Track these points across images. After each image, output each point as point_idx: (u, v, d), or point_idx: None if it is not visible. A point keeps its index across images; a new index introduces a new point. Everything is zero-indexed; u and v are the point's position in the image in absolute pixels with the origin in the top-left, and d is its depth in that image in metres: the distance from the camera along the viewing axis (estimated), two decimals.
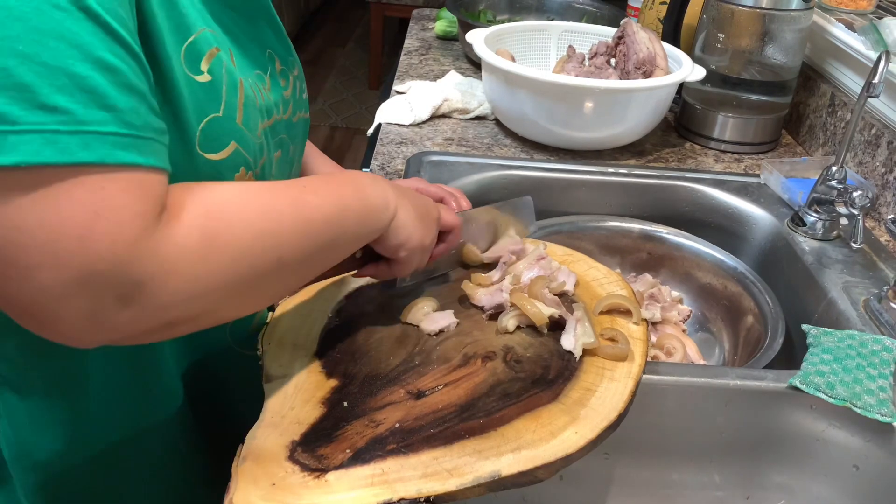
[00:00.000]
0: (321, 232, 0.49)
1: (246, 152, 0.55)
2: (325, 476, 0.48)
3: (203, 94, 0.51)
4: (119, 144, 0.38)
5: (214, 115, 0.52)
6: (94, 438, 0.59)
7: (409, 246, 0.58)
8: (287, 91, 0.63)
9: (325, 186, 0.51)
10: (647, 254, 0.96)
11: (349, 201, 0.52)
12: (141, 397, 0.60)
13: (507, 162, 1.03)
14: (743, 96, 1.13)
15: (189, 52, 0.50)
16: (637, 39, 1.10)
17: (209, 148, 0.52)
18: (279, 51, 0.63)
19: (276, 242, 0.46)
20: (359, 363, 0.59)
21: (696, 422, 0.68)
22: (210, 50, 0.51)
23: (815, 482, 0.69)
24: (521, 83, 1.03)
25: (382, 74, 3.65)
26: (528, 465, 0.50)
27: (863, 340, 0.70)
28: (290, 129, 0.64)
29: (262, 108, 0.58)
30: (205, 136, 0.51)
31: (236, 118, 0.54)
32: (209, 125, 0.51)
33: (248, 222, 0.44)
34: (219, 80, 0.52)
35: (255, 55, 0.59)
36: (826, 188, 0.89)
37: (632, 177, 1.02)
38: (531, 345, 0.62)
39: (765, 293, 0.84)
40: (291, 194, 0.48)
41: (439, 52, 1.49)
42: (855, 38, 1.06)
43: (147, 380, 0.59)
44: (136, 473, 0.63)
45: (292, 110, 0.64)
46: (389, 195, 0.56)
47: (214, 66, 0.52)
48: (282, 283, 0.49)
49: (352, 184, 0.54)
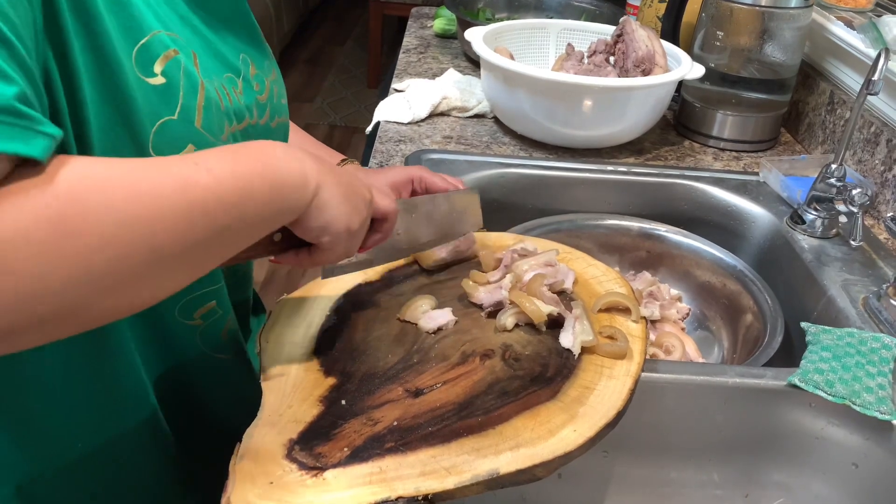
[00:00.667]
0: (215, 215, 0.43)
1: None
2: (323, 474, 0.48)
3: (156, 97, 0.50)
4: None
5: (169, 118, 0.50)
6: (61, 446, 0.58)
7: (332, 230, 0.51)
8: (262, 95, 0.62)
9: (222, 163, 0.44)
10: (646, 252, 0.96)
11: (253, 179, 0.45)
12: (107, 402, 0.58)
13: (505, 160, 1.03)
14: (742, 94, 1.13)
15: (141, 54, 0.49)
16: (636, 37, 1.10)
17: (164, 150, 0.50)
18: (254, 55, 0.62)
19: (148, 230, 0.39)
20: (357, 361, 0.59)
21: (695, 420, 0.68)
22: (166, 52, 0.50)
23: (814, 480, 0.68)
24: (520, 81, 1.03)
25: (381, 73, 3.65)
26: (527, 463, 0.49)
27: (862, 338, 0.70)
28: (268, 134, 0.63)
29: (231, 111, 0.57)
30: (158, 138, 0.50)
31: (195, 121, 0.52)
32: (163, 128, 0.50)
33: (111, 206, 0.38)
34: (175, 82, 0.51)
35: (225, 58, 0.59)
36: (825, 186, 0.89)
37: (631, 175, 1.02)
38: (530, 343, 0.62)
39: (764, 291, 0.84)
40: (179, 171, 0.42)
41: (438, 50, 1.49)
42: (854, 36, 1.06)
43: (112, 384, 0.58)
44: (110, 478, 0.61)
45: (269, 115, 0.63)
46: (309, 170, 0.48)
47: (170, 68, 0.50)
48: (163, 275, 0.42)
49: (259, 157, 0.46)
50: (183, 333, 0.62)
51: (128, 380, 0.58)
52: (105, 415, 0.59)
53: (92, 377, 0.56)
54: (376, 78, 3.69)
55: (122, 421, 0.59)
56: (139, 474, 0.63)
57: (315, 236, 0.51)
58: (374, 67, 3.73)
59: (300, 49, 4.17)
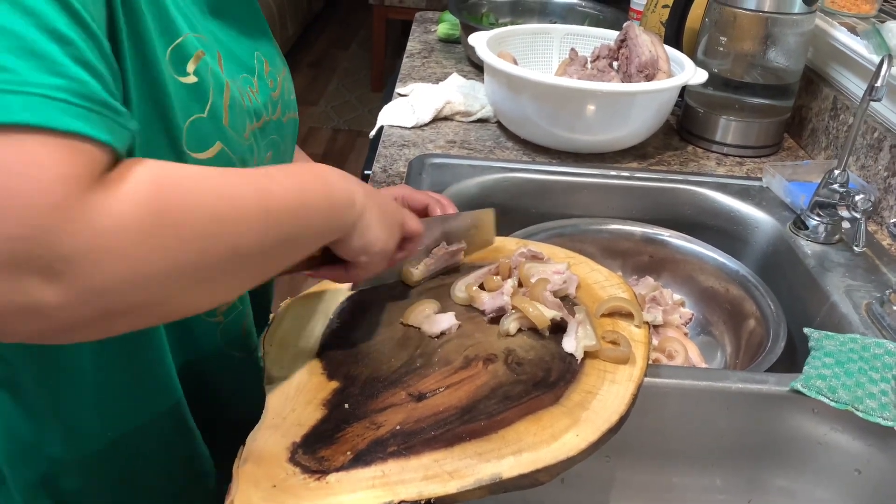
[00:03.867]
0: (283, 225, 0.45)
1: (232, 153, 0.56)
2: (327, 478, 0.48)
3: (188, 95, 0.51)
4: (68, 111, 0.35)
5: (199, 116, 0.52)
6: (89, 435, 0.59)
7: (371, 250, 0.55)
8: (275, 92, 0.64)
9: (290, 177, 0.47)
10: (649, 257, 0.96)
11: (314, 196, 0.48)
12: (136, 393, 0.60)
13: (509, 165, 1.03)
14: (745, 100, 1.13)
15: (175, 54, 0.50)
16: (639, 42, 1.10)
17: (195, 147, 0.52)
18: (267, 52, 0.64)
19: (233, 230, 0.41)
20: (360, 365, 0.59)
21: (698, 425, 0.68)
22: (196, 53, 0.52)
23: (816, 486, 0.68)
24: (524, 86, 1.03)
25: (385, 77, 3.65)
26: (530, 467, 0.49)
27: (865, 344, 0.70)
28: (280, 130, 0.65)
29: (251, 110, 0.59)
30: (190, 135, 0.52)
31: (222, 119, 0.54)
32: (194, 125, 0.52)
33: (203, 202, 0.39)
34: (205, 82, 0.53)
35: (242, 58, 0.60)
36: (828, 192, 0.89)
37: (634, 180, 1.02)
38: (532, 347, 0.62)
39: (767, 297, 0.84)
40: (255, 181, 0.44)
41: (441, 54, 1.49)
42: (857, 42, 1.06)
43: (142, 375, 0.59)
44: (132, 469, 0.63)
45: (281, 111, 0.65)
46: (357, 194, 0.52)
47: (200, 68, 0.52)
48: (236, 276, 0.44)
49: (319, 178, 0.50)
50: (205, 329, 0.63)
51: (158, 371, 0.60)
52: (134, 405, 0.60)
53: (125, 367, 0.58)
54: (380, 82, 3.70)
55: (150, 412, 0.61)
56: (160, 467, 0.64)
57: (354, 255, 0.54)
58: (377, 71, 3.74)
59: (304, 53, 4.18)
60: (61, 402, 0.57)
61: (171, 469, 0.65)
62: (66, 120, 0.35)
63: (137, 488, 0.64)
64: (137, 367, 0.58)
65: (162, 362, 0.60)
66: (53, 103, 0.35)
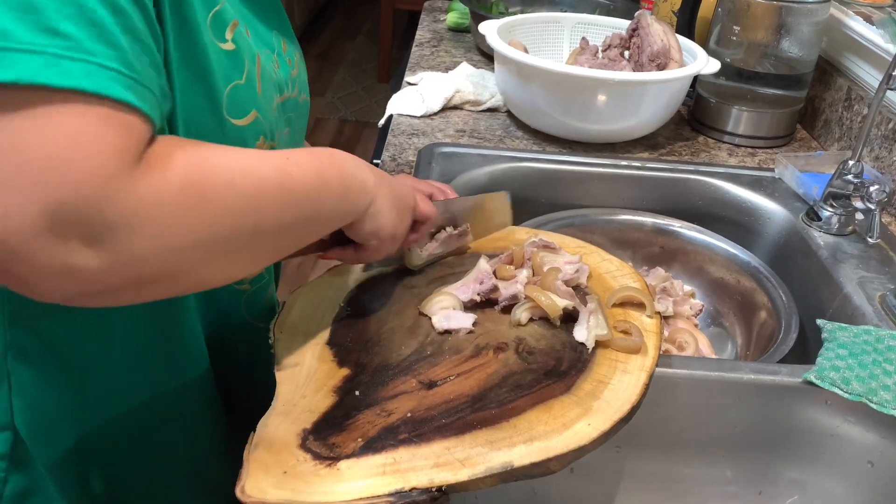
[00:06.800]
0: (301, 205, 0.47)
1: (265, 121, 0.56)
2: (337, 465, 0.48)
3: (228, 62, 0.52)
4: (120, 82, 0.37)
5: (238, 83, 0.53)
6: (115, 404, 0.59)
7: (382, 234, 0.57)
8: (294, 71, 0.65)
9: (308, 160, 0.49)
10: (660, 248, 0.96)
11: (331, 179, 0.50)
12: (168, 365, 0.60)
13: (518, 154, 1.02)
14: (758, 90, 1.12)
15: (215, 20, 0.51)
16: (651, 32, 1.09)
17: (235, 113, 0.53)
18: (284, 33, 0.65)
19: (256, 206, 0.43)
20: (370, 352, 0.59)
21: (709, 416, 0.67)
22: (233, 20, 0.53)
23: (828, 478, 0.68)
24: (534, 75, 1.02)
25: (392, 68, 3.64)
26: (541, 456, 0.49)
27: (879, 336, 0.69)
28: (296, 109, 0.66)
29: (276, 83, 0.60)
30: (230, 101, 0.53)
31: (256, 88, 0.55)
32: (233, 91, 0.53)
33: (232, 181, 0.42)
34: (242, 49, 0.54)
35: (264, 34, 0.61)
36: (842, 182, 0.88)
37: (645, 170, 1.02)
38: (543, 336, 0.61)
39: (778, 288, 0.84)
40: (276, 162, 0.46)
41: (451, 43, 1.48)
42: (873, 32, 1.04)
43: (175, 348, 0.60)
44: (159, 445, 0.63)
45: (298, 90, 0.66)
46: (369, 179, 0.54)
47: (237, 36, 0.53)
48: (256, 252, 0.46)
49: (335, 162, 0.51)
50: (231, 298, 0.64)
51: (189, 341, 0.60)
52: (166, 375, 0.60)
53: (158, 336, 0.58)
54: (387, 73, 3.69)
55: (181, 382, 0.61)
56: (187, 440, 0.64)
57: (365, 238, 0.57)
58: (384, 62, 3.73)
59: (311, 44, 4.17)
60: (91, 370, 0.57)
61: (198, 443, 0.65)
62: (120, 90, 0.37)
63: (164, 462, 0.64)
64: (170, 337, 0.59)
65: (193, 332, 0.60)
66: (108, 73, 0.37)
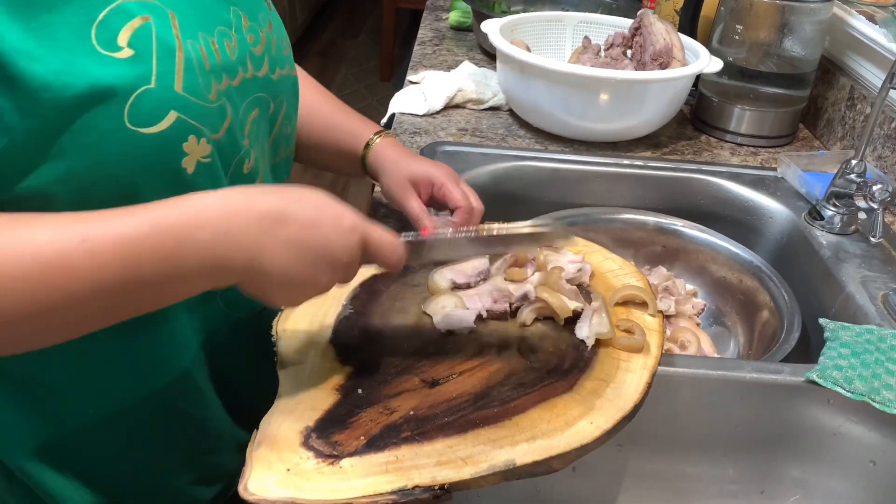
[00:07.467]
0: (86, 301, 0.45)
1: (193, 120, 0.52)
2: (340, 462, 0.48)
3: (127, 70, 0.49)
4: None
5: (146, 88, 0.50)
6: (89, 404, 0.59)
7: (270, 300, 0.50)
8: (257, 48, 0.61)
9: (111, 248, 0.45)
10: (662, 247, 0.96)
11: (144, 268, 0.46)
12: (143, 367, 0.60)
13: (521, 153, 1.02)
14: (760, 89, 1.12)
15: (101, 31, 0.48)
16: (654, 31, 1.09)
17: (142, 122, 0.50)
18: (245, 7, 0.61)
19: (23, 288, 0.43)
20: (373, 351, 0.59)
21: (711, 415, 0.67)
22: (130, 22, 0.50)
23: (830, 477, 0.68)
24: (537, 73, 1.02)
25: (394, 66, 3.64)
26: (543, 454, 0.49)
27: (881, 335, 0.69)
28: (269, 88, 0.62)
29: (220, 68, 0.55)
30: (135, 110, 0.49)
31: (174, 86, 0.51)
32: (139, 99, 0.49)
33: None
34: (146, 51, 0.50)
35: (214, 12, 0.57)
36: (845, 182, 0.88)
37: (647, 169, 1.02)
38: (546, 335, 0.61)
39: (781, 287, 0.84)
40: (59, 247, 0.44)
41: (453, 42, 1.48)
42: (876, 31, 1.04)
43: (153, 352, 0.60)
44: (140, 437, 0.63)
45: (268, 67, 0.62)
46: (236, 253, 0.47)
47: (137, 37, 0.50)
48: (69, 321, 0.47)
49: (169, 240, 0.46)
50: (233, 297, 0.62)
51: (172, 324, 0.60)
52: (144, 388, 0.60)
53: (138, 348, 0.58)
54: (389, 71, 3.69)
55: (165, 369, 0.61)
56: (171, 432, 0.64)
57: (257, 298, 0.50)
58: (386, 61, 3.73)
59: (313, 42, 4.17)
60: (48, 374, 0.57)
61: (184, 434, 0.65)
62: None
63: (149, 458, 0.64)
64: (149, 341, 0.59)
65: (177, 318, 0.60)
66: None
